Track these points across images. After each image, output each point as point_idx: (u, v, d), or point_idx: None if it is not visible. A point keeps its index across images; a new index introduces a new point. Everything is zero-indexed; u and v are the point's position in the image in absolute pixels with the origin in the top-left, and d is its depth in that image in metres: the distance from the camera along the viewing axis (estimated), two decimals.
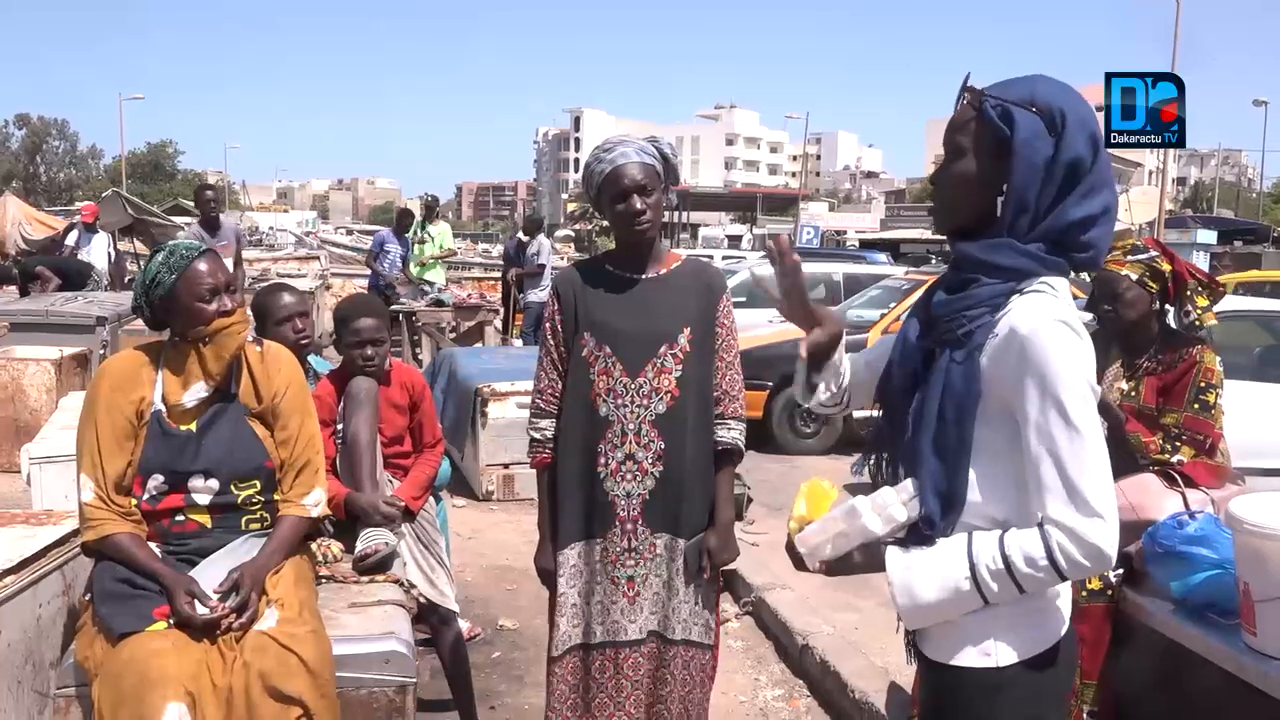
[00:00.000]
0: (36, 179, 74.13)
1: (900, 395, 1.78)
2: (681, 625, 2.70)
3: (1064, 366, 1.56)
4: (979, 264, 1.67)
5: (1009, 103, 1.64)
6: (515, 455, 6.63)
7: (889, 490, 1.74)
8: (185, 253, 2.51)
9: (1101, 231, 1.66)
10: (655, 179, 2.66)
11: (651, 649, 2.72)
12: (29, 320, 8.73)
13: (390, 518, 3.15)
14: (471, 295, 12.11)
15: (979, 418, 1.64)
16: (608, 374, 2.67)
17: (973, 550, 1.62)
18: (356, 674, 2.50)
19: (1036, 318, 1.59)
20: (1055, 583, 1.61)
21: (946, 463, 1.66)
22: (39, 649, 2.73)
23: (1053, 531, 1.55)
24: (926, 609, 1.67)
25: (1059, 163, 1.62)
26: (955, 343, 1.66)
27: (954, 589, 1.63)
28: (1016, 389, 1.59)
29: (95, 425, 2.50)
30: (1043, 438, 1.57)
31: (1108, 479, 1.57)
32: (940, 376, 1.66)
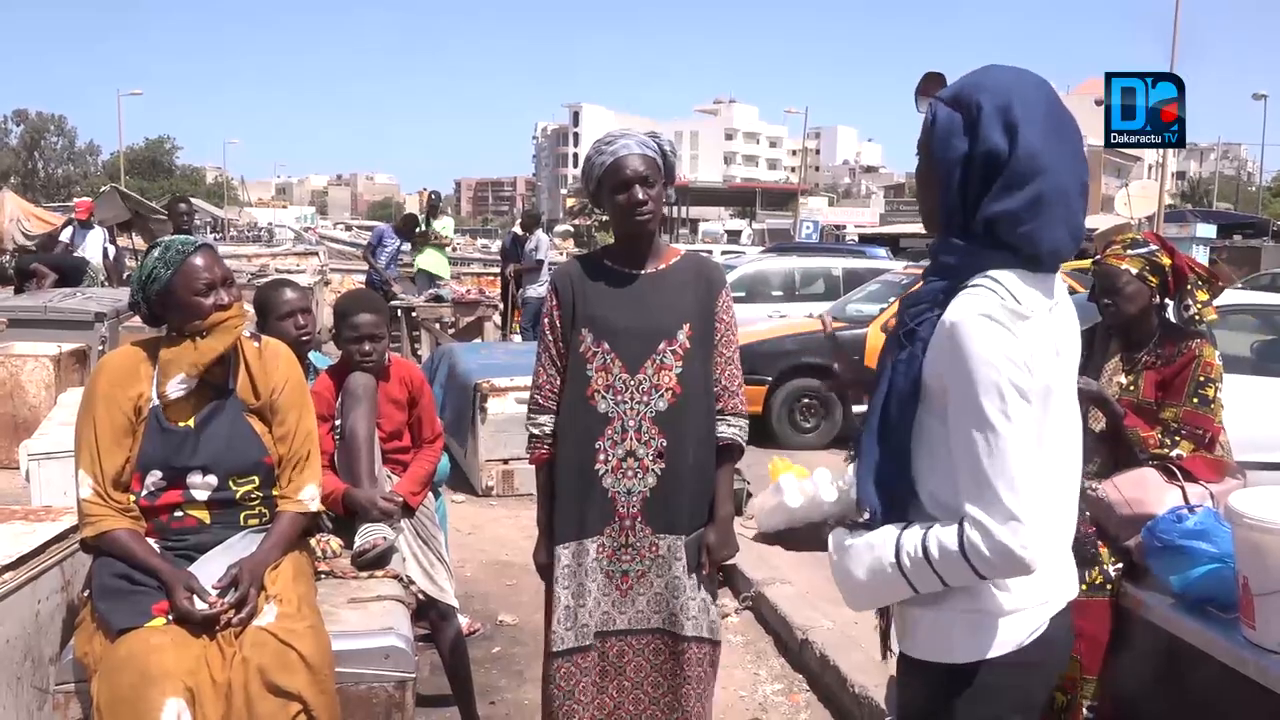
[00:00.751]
0: (35, 175, 74.10)
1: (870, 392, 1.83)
2: (692, 622, 2.69)
3: (980, 362, 1.55)
4: (930, 262, 1.72)
5: (939, 100, 1.67)
6: (515, 451, 6.62)
7: (823, 471, 1.79)
8: (181, 248, 2.51)
9: (1036, 225, 1.61)
10: (656, 171, 2.66)
11: (655, 645, 2.72)
12: (28, 316, 8.72)
13: (388, 513, 3.14)
14: (471, 291, 12.09)
15: (931, 412, 1.65)
16: (606, 370, 2.66)
17: (900, 538, 1.66)
18: (356, 669, 2.50)
19: (960, 312, 1.59)
20: (973, 579, 1.61)
21: (887, 455, 1.69)
22: (38, 645, 2.72)
23: (968, 528, 1.57)
24: (858, 589, 1.72)
25: (975, 156, 1.62)
26: (902, 340, 1.68)
27: (880, 571, 1.67)
28: (948, 384, 1.60)
29: (94, 421, 2.49)
30: (960, 434, 1.58)
31: (1027, 479, 1.55)
32: (888, 373, 1.69)
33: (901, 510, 1.70)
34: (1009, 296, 1.60)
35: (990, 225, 1.62)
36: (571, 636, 2.69)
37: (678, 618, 2.69)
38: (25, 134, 78.30)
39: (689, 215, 45.21)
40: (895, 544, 1.66)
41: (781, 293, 12.70)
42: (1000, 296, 1.60)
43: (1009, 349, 1.56)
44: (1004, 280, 1.62)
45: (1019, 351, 1.57)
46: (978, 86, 1.64)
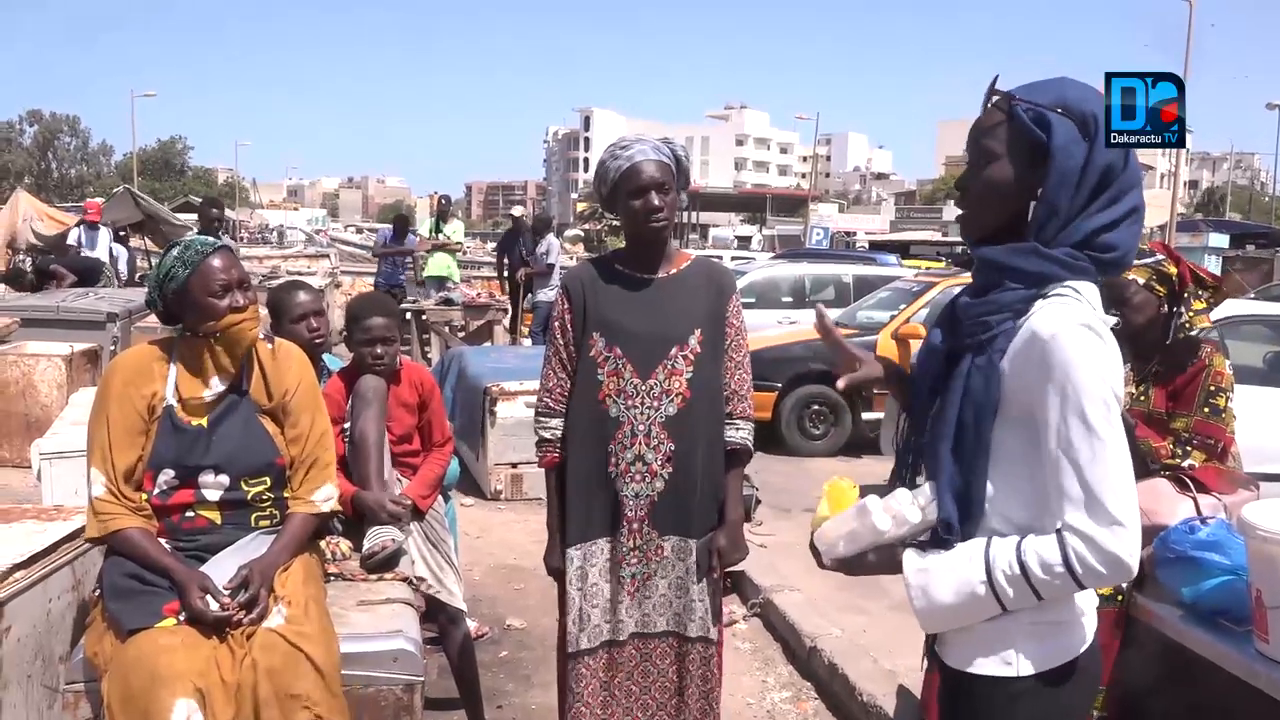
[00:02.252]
0: (48, 175, 74.48)
1: (922, 400, 1.79)
2: (696, 623, 2.71)
3: (1085, 372, 1.54)
4: (1003, 269, 1.66)
5: (1041, 107, 1.63)
6: (524, 455, 6.63)
7: (904, 491, 1.74)
8: (200, 248, 2.52)
9: (1128, 233, 1.65)
10: (670, 177, 2.66)
11: (663, 648, 2.72)
12: (40, 316, 8.77)
13: (397, 516, 3.15)
14: (481, 294, 12.12)
15: (1001, 422, 1.63)
16: (618, 375, 2.66)
17: (990, 554, 1.61)
18: (364, 672, 2.50)
19: (1058, 322, 1.57)
20: (1073, 590, 1.59)
21: (964, 467, 1.65)
22: (48, 644, 2.73)
23: (1070, 538, 1.54)
24: (943, 612, 1.66)
25: (1092, 168, 1.61)
26: (977, 347, 1.65)
27: (970, 593, 1.62)
28: (1037, 394, 1.57)
29: (106, 419, 2.50)
30: (1062, 443, 1.55)
31: (1129, 486, 1.55)
32: (960, 381, 1.65)
33: (972, 526, 1.66)
34: (1092, 306, 1.62)
35: (1089, 235, 1.62)
36: (585, 638, 2.70)
37: (683, 619, 2.71)
38: (39, 134, 78.72)
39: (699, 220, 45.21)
40: (984, 561, 1.61)
41: (792, 299, 12.69)
42: (1089, 307, 1.61)
43: (1108, 359, 1.57)
44: (1083, 290, 1.63)
45: (1113, 361, 1.58)
46: (1084, 98, 1.64)
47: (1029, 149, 1.64)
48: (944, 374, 1.72)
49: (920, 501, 1.71)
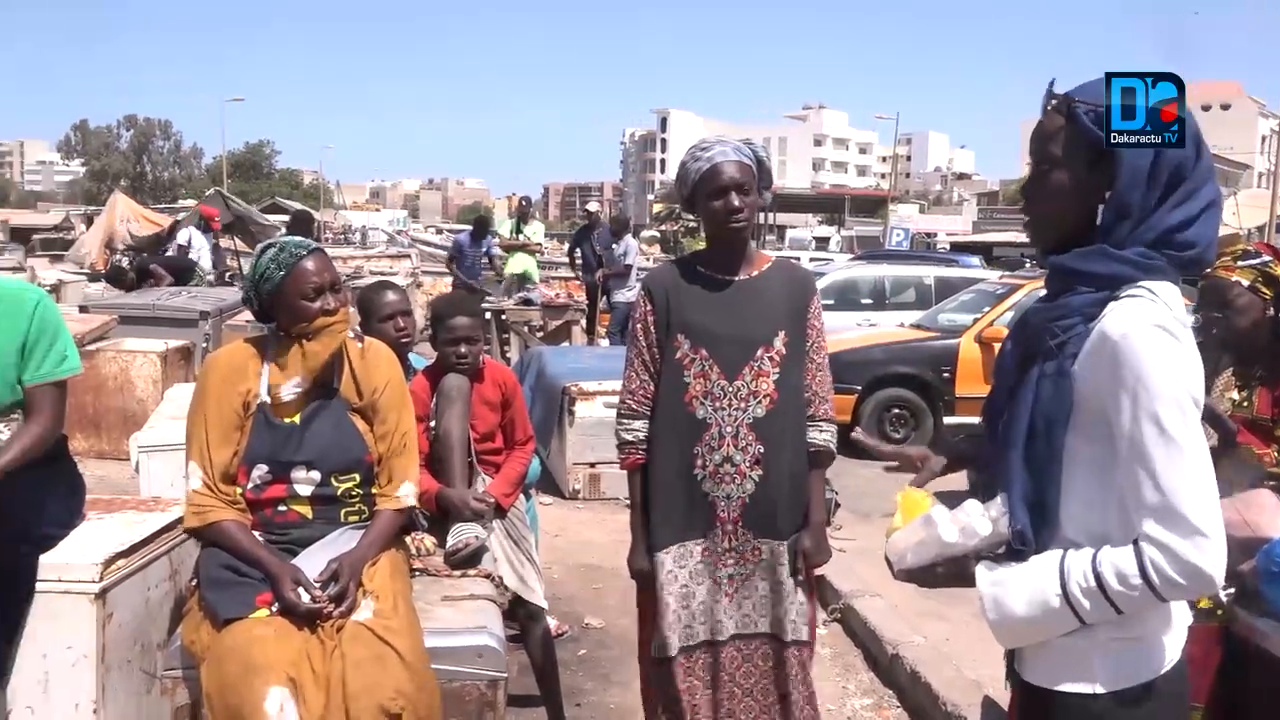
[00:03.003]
0: (143, 178, 77.14)
1: (997, 409, 1.74)
2: (792, 626, 2.70)
3: (1158, 374, 1.48)
4: (1073, 274, 1.62)
5: (1102, 107, 1.58)
6: (602, 454, 6.66)
7: (974, 503, 1.69)
8: (294, 250, 2.58)
9: (1206, 228, 1.58)
10: (751, 178, 2.66)
11: (764, 650, 2.72)
12: (137, 314, 9.09)
13: (480, 513, 3.18)
14: (559, 295, 12.21)
15: (1076, 430, 1.58)
16: (705, 377, 2.66)
17: (1064, 566, 1.56)
18: (449, 667, 2.53)
19: (1129, 322, 1.52)
20: (1153, 604, 1.53)
21: (1037, 477, 1.60)
22: (147, 631, 2.82)
23: (1147, 549, 1.48)
24: (1017, 625, 1.62)
25: (1162, 165, 1.55)
26: (1047, 354, 1.60)
27: (1044, 605, 1.57)
28: (1109, 399, 1.52)
29: (204, 415, 2.57)
30: (1136, 450, 1.50)
31: (1210, 494, 1.48)
32: (1030, 389, 1.61)
33: (1048, 537, 1.62)
34: (1169, 307, 1.55)
35: (1164, 234, 1.57)
36: (676, 639, 2.70)
37: (782, 622, 2.69)
38: (134, 139, 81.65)
39: (776, 222, 44.91)
40: (1059, 573, 1.56)
41: (871, 301, 12.53)
42: (1164, 307, 1.54)
43: (1184, 360, 1.51)
44: (1159, 291, 1.56)
45: (1191, 363, 1.52)
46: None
47: (1091, 152, 1.59)
48: (1016, 381, 1.67)
49: (992, 513, 1.66)
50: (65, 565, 2.58)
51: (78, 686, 2.56)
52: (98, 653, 2.57)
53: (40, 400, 2.76)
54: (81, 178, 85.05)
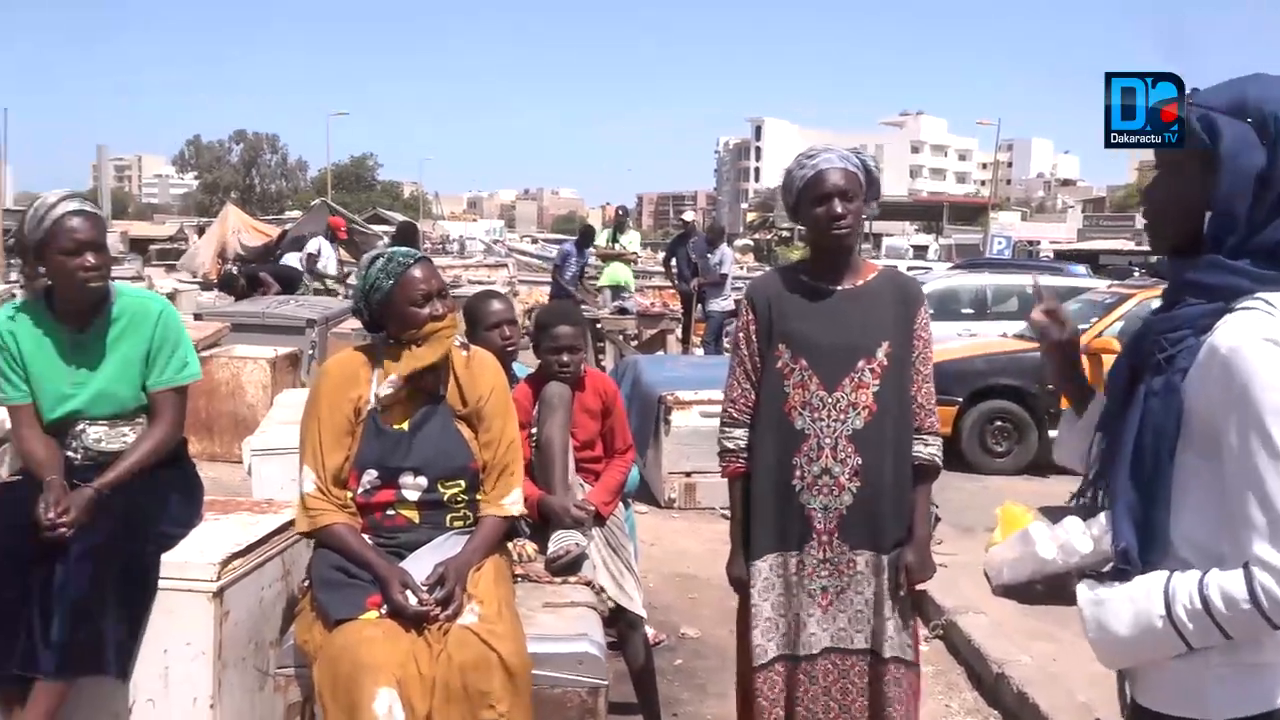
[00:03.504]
0: (252, 190, 79.84)
1: (1107, 424, 1.68)
2: (890, 642, 2.64)
3: (1268, 389, 1.41)
4: (1186, 284, 1.56)
5: (1214, 110, 1.52)
6: (698, 464, 6.65)
7: (1074, 520, 1.64)
8: (402, 260, 2.64)
9: None
10: (857, 186, 2.62)
11: (860, 666, 2.67)
12: (247, 321, 9.43)
13: (581, 521, 3.21)
14: (654, 304, 12.25)
15: (1188, 447, 1.52)
16: (804, 387, 2.63)
17: (1170, 587, 1.50)
18: (551, 673, 2.56)
19: (1239, 335, 1.45)
20: (1265, 629, 1.45)
21: (1144, 494, 1.55)
22: (260, 629, 2.91)
23: (1257, 572, 1.42)
24: (1120, 646, 1.56)
25: (1275, 174, 1.48)
26: (1156, 367, 1.55)
27: (1148, 627, 1.51)
28: (1219, 414, 1.46)
29: (317, 421, 2.65)
30: (1244, 468, 1.43)
31: None
32: (1139, 404, 1.56)
33: (1157, 557, 1.56)
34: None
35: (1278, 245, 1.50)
36: (773, 647, 2.67)
37: (879, 637, 2.65)
38: (244, 153, 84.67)
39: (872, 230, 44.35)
40: (1164, 595, 1.51)
41: (972, 310, 12.27)
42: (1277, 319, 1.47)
43: None
44: (1276, 303, 1.49)
45: None
46: (1268, 98, 1.50)
47: (1199, 156, 1.53)
48: (1126, 396, 1.62)
49: (1094, 530, 1.60)
50: (185, 564, 2.68)
51: (196, 681, 2.65)
52: (215, 649, 2.65)
53: (163, 405, 2.88)
54: (195, 190, 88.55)
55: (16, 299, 2.96)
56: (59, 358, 2.79)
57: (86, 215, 2.72)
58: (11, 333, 2.77)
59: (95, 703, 2.62)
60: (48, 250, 2.68)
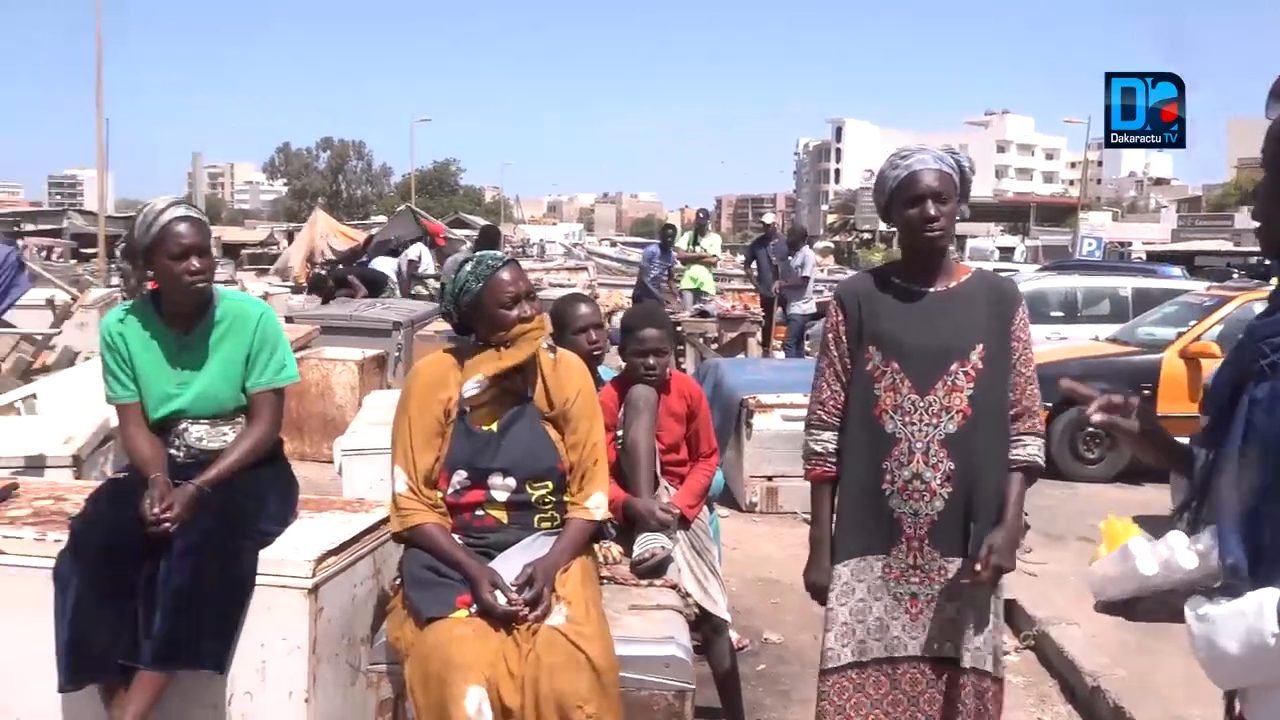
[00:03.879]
0: (338, 195, 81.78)
1: (1209, 435, 1.63)
2: (971, 654, 2.58)
3: None
4: None
5: None
6: (780, 467, 6.60)
7: (1178, 534, 1.58)
8: (491, 263, 2.67)
9: None
10: (951, 187, 2.58)
11: (948, 676, 2.61)
12: (336, 324, 9.65)
13: (666, 523, 3.20)
14: (735, 307, 12.20)
15: None
16: (895, 390, 2.59)
17: None
18: (637, 675, 2.56)
19: None
20: None
21: (1251, 508, 1.49)
22: (352, 626, 2.97)
23: None
24: (1230, 665, 1.50)
25: None
26: (1259, 375, 1.50)
27: (1259, 646, 1.45)
28: None
29: (408, 421, 2.69)
30: None
31: None
32: (1242, 413, 1.50)
33: (1266, 572, 1.50)
34: None
35: None
36: (848, 652, 2.63)
37: (960, 647, 2.59)
38: (331, 159, 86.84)
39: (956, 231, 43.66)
40: (1277, 611, 1.45)
41: (1062, 313, 11.94)
42: None
43: None
44: None
45: None
46: None
47: None
48: (1229, 404, 1.56)
49: (1199, 546, 1.54)
50: (281, 561, 2.75)
51: (291, 675, 2.71)
52: (309, 644, 2.71)
53: (261, 405, 2.96)
54: (284, 196, 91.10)
55: (124, 302, 3.07)
56: (164, 359, 2.88)
57: (192, 221, 2.81)
58: (121, 334, 2.88)
59: (194, 695, 2.70)
60: (155, 254, 2.77)
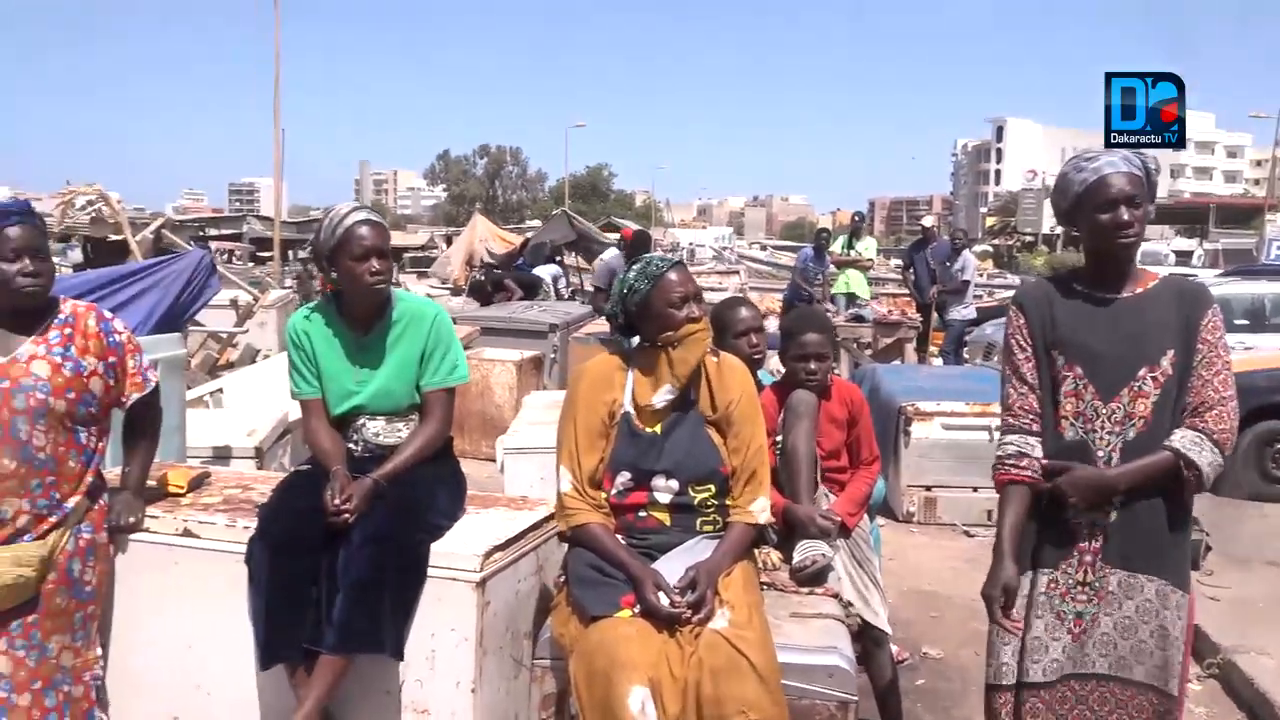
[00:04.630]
0: (495, 201, 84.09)
1: None
2: (1144, 669, 2.45)
3: None
4: None
5: None
6: (939, 477, 6.44)
7: None
8: (659, 264, 2.70)
9: None
10: (1142, 190, 2.46)
11: (1104, 693, 2.48)
12: (494, 325, 9.93)
13: (826, 531, 3.15)
14: (892, 312, 11.93)
15: None
16: (1077, 396, 2.49)
17: None
18: (799, 683, 2.53)
19: None
20: None
21: None
22: (516, 620, 3.03)
23: None
24: None
25: None
26: None
27: None
28: None
29: (574, 422, 2.74)
30: None
31: None
32: None
33: None
34: None
35: None
36: (1015, 671, 2.53)
37: (1127, 661, 2.46)
38: (488, 165, 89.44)
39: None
40: None
41: (1247, 321, 11.17)
42: None
43: None
44: None
45: None
46: None
47: None
48: None
49: None
50: (451, 554, 2.83)
51: (459, 666, 2.79)
52: (477, 636, 2.78)
53: (434, 404, 3.07)
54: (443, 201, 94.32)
55: (311, 302, 3.22)
56: (345, 357, 3.02)
57: (373, 224, 2.93)
58: (306, 332, 3.03)
59: (370, 680, 2.81)
60: (339, 256, 2.91)
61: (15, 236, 2.61)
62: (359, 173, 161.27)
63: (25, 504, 2.61)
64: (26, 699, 2.63)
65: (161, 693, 2.96)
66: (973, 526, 6.33)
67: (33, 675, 2.64)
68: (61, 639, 2.70)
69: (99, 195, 12.88)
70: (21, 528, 2.61)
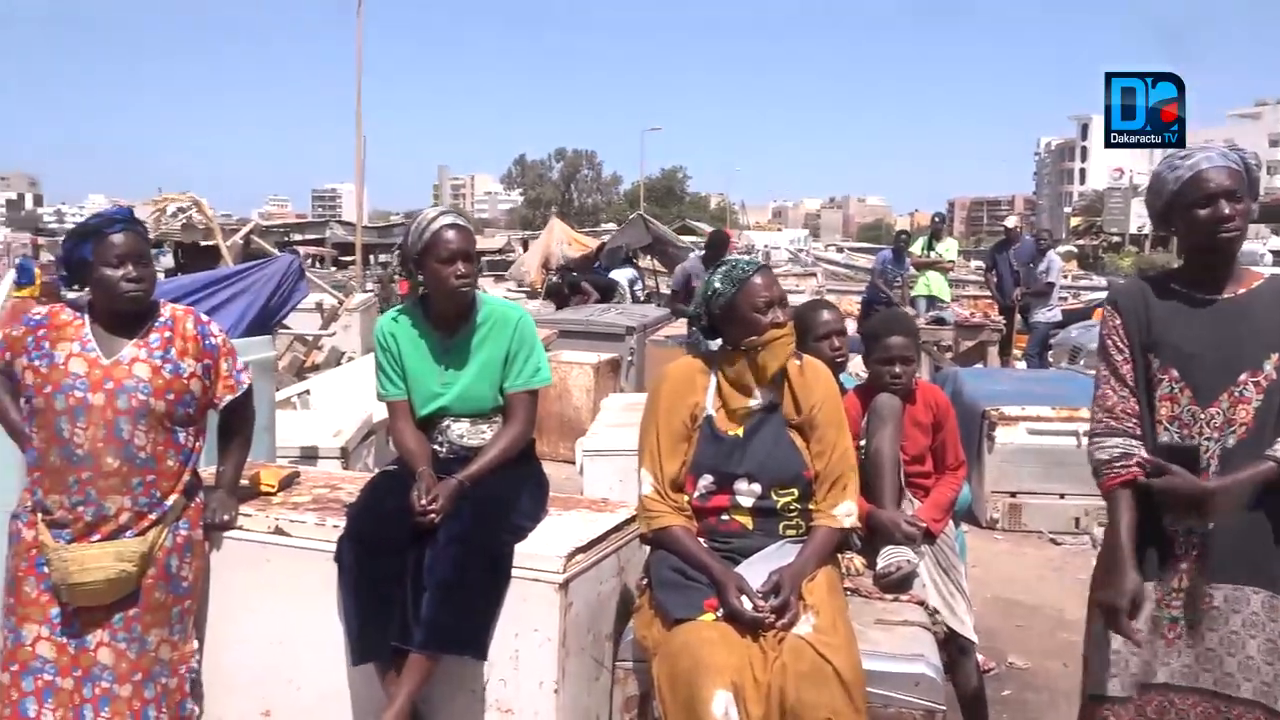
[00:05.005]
0: (570, 204, 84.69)
1: None
2: (1252, 685, 2.35)
3: None
4: None
5: None
6: (1023, 483, 6.30)
7: None
8: (744, 268, 2.69)
9: None
10: (1242, 186, 2.38)
11: (1206, 708, 2.40)
12: (572, 328, 10.00)
13: (911, 537, 3.11)
14: (974, 314, 11.71)
15: None
16: (1173, 400, 2.41)
17: None
18: (884, 691, 2.50)
19: None
20: None
21: None
22: (598, 622, 3.04)
23: None
24: None
25: None
26: None
27: None
28: None
29: (656, 425, 2.75)
30: None
31: None
32: None
33: None
34: None
35: None
36: (1116, 685, 2.46)
37: (1234, 678, 2.36)
38: (564, 169, 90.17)
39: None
40: None
41: None
42: None
43: None
44: None
45: None
46: None
47: None
48: None
49: None
50: (535, 555, 2.85)
51: (542, 666, 2.81)
52: (559, 638, 2.80)
53: (517, 406, 3.10)
54: (519, 205, 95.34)
55: (397, 305, 3.28)
56: (431, 359, 3.07)
57: (459, 228, 2.97)
58: (393, 334, 3.08)
59: (456, 679, 2.84)
60: (425, 259, 2.95)
61: (120, 243, 2.71)
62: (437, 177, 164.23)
63: (127, 501, 2.71)
64: (128, 689, 2.72)
65: (254, 687, 3.03)
66: (1059, 534, 6.18)
67: (134, 667, 2.73)
68: (160, 632, 2.79)
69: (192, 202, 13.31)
70: (123, 524, 2.71)
